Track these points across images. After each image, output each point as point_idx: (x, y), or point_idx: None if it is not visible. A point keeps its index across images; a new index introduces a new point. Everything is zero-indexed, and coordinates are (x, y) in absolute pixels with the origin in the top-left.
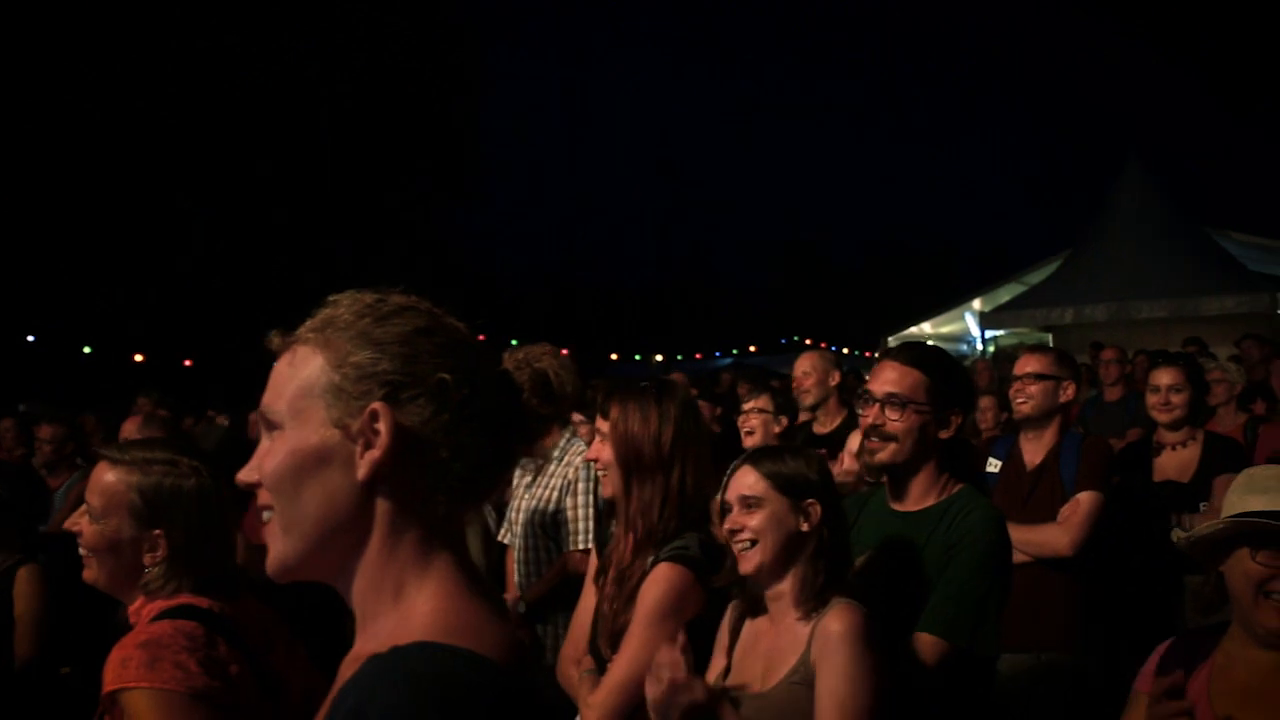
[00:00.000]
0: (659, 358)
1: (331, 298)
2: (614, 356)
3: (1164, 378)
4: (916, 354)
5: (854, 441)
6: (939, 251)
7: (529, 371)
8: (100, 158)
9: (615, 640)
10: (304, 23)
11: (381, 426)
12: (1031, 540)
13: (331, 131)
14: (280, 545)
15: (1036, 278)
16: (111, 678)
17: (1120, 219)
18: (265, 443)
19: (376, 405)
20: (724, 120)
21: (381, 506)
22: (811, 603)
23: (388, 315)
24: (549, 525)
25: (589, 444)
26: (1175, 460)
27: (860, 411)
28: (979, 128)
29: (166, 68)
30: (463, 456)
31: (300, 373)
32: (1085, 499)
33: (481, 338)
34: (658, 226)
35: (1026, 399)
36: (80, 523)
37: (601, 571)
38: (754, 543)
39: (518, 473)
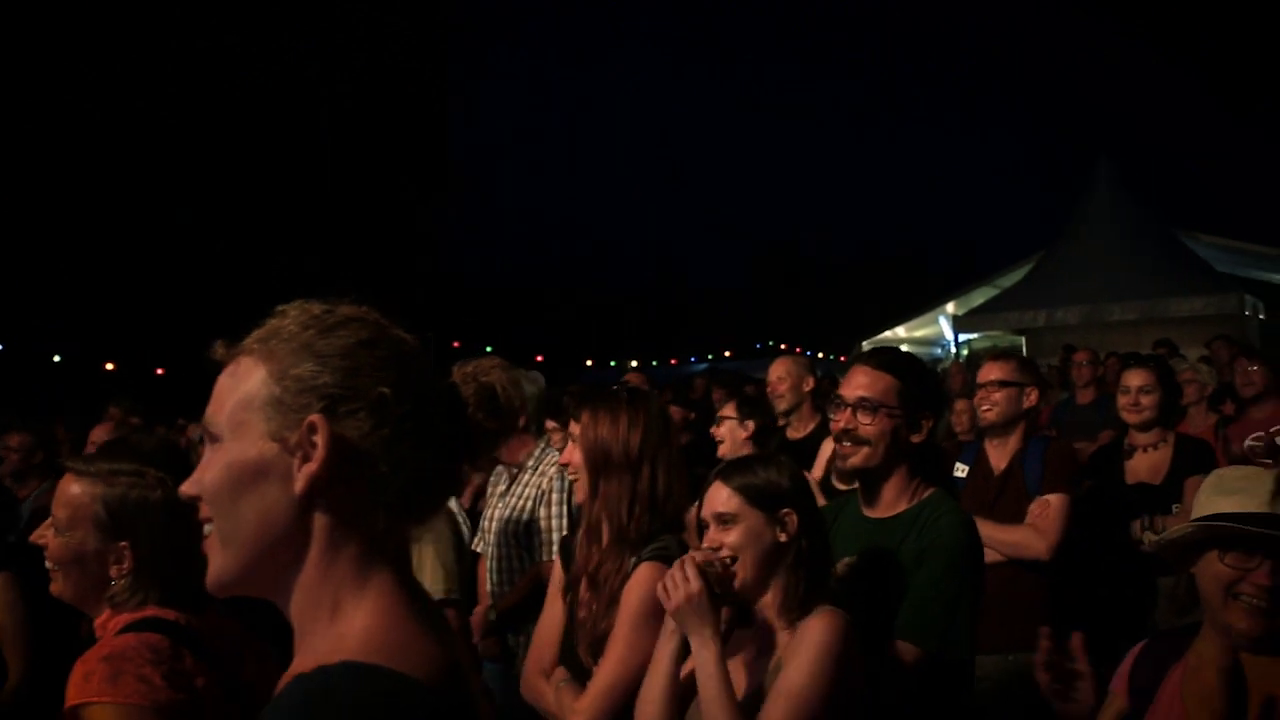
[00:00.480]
0: (634, 363)
1: (279, 307)
2: (589, 362)
3: (1134, 379)
4: (887, 359)
5: (826, 449)
6: (913, 255)
7: (475, 386)
8: (69, 167)
9: (597, 646)
10: (291, 27)
11: (319, 439)
12: (1007, 541)
13: (311, 139)
14: (218, 559)
15: (1009, 280)
16: (74, 692)
17: (1091, 222)
18: (207, 455)
19: (314, 418)
20: (699, 130)
21: (319, 521)
22: (795, 612)
23: (332, 327)
24: (521, 535)
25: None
26: (1147, 462)
27: (832, 416)
28: (953, 132)
29: (142, 76)
30: (402, 471)
31: (242, 385)
32: (1056, 500)
33: (456, 344)
34: (634, 233)
35: (991, 406)
36: (46, 535)
37: (570, 585)
38: (734, 559)
39: (492, 480)
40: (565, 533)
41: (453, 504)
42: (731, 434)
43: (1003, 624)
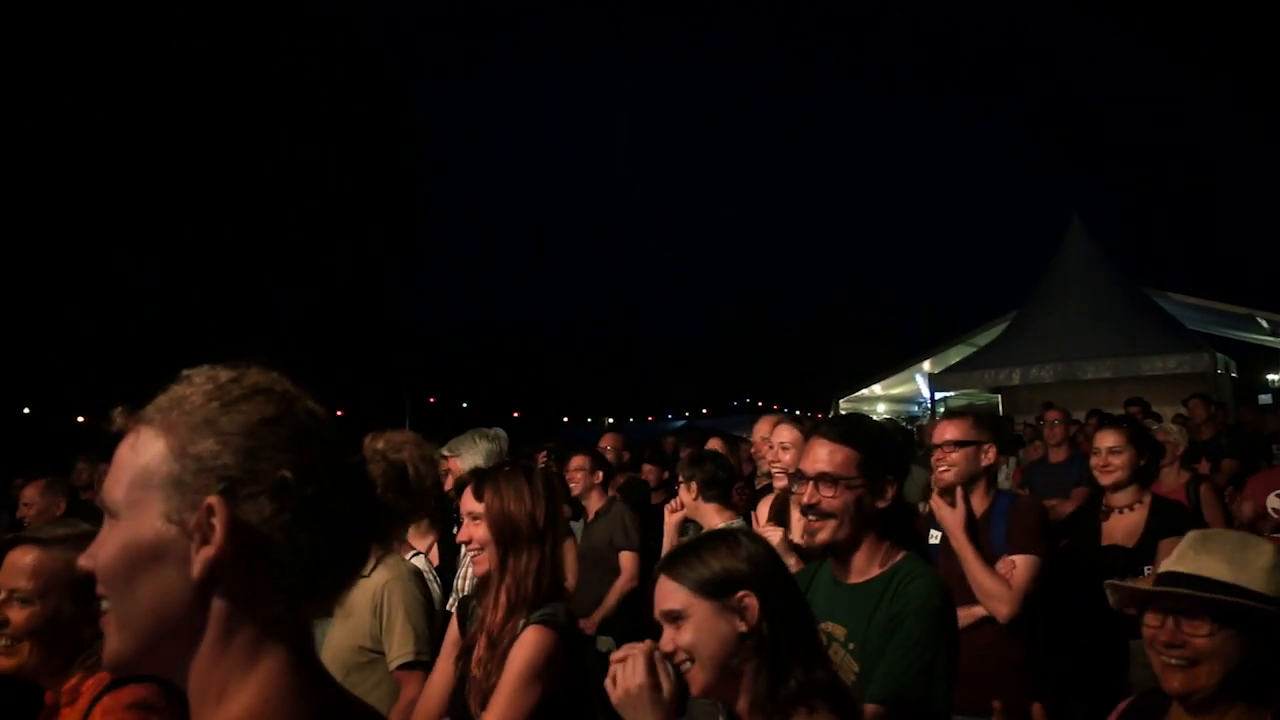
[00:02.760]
0: (610, 419)
1: (185, 372)
2: (565, 419)
3: (1104, 440)
4: (843, 429)
5: (763, 510)
6: (890, 313)
7: (384, 465)
8: (41, 215)
9: (486, 699)
10: (256, 78)
11: (217, 523)
12: (981, 584)
13: (280, 191)
14: (114, 640)
15: (985, 339)
16: None
17: (1064, 281)
18: (105, 529)
19: (213, 501)
20: (678, 186)
21: (216, 606)
22: (773, 716)
23: (236, 401)
24: None
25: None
26: (1123, 524)
27: (795, 490)
28: (929, 189)
29: (111, 121)
30: (304, 557)
31: (140, 459)
32: (1022, 562)
33: (432, 400)
34: (610, 290)
35: (948, 467)
36: (8, 612)
37: (466, 646)
38: (693, 661)
39: None
40: None
41: (423, 563)
42: (684, 497)
43: (976, 687)
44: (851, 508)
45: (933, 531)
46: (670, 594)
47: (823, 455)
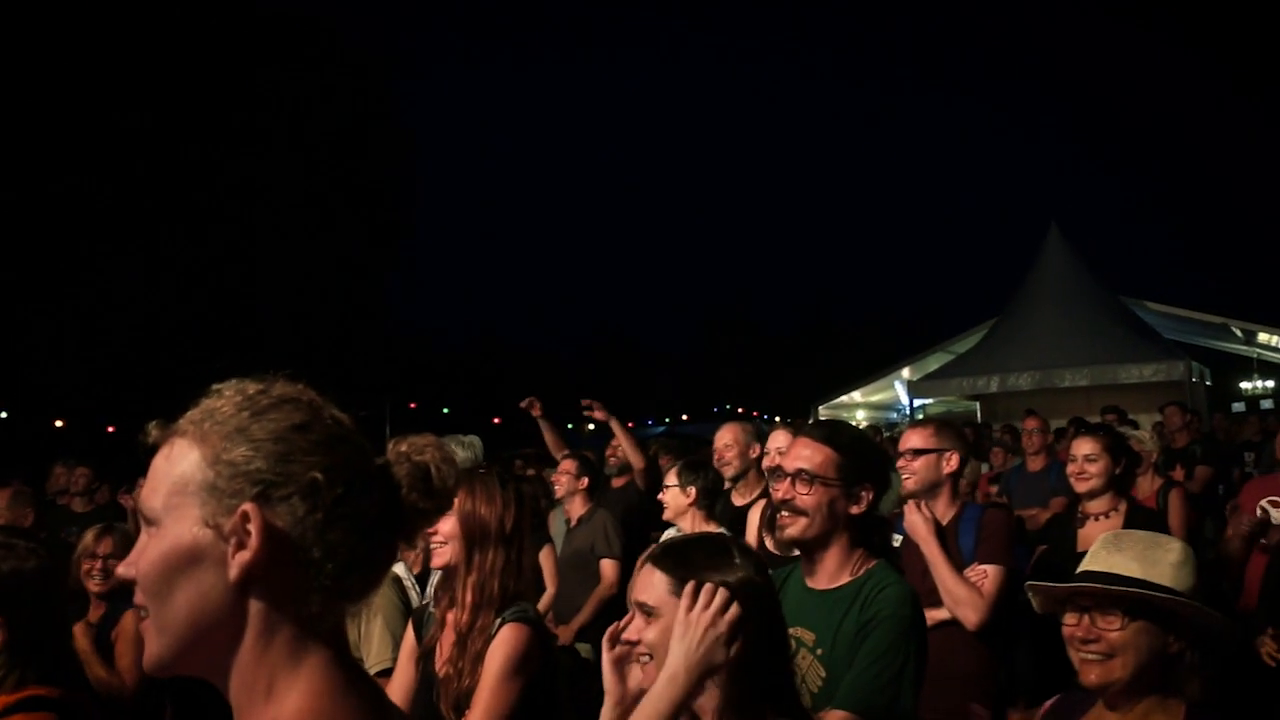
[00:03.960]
0: (591, 426)
1: (215, 386)
2: None
3: (1081, 448)
4: (828, 431)
5: (754, 517)
6: (870, 321)
7: (408, 466)
8: (22, 218)
9: (461, 701)
10: (244, 86)
11: (253, 528)
12: (952, 590)
13: (264, 197)
14: (154, 645)
15: (963, 346)
16: None
17: (1042, 290)
18: (143, 538)
19: (247, 506)
20: (656, 190)
21: (254, 606)
22: None
23: (265, 409)
24: None
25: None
26: (1098, 531)
27: (773, 486)
28: (908, 197)
29: (91, 124)
30: (335, 556)
31: (176, 468)
32: (993, 572)
33: (413, 405)
34: (591, 295)
35: (910, 474)
36: None
37: (426, 650)
38: (650, 657)
39: None
40: None
41: (401, 570)
42: (674, 501)
43: (939, 692)
44: (824, 507)
45: (894, 535)
46: (649, 586)
47: (804, 453)
